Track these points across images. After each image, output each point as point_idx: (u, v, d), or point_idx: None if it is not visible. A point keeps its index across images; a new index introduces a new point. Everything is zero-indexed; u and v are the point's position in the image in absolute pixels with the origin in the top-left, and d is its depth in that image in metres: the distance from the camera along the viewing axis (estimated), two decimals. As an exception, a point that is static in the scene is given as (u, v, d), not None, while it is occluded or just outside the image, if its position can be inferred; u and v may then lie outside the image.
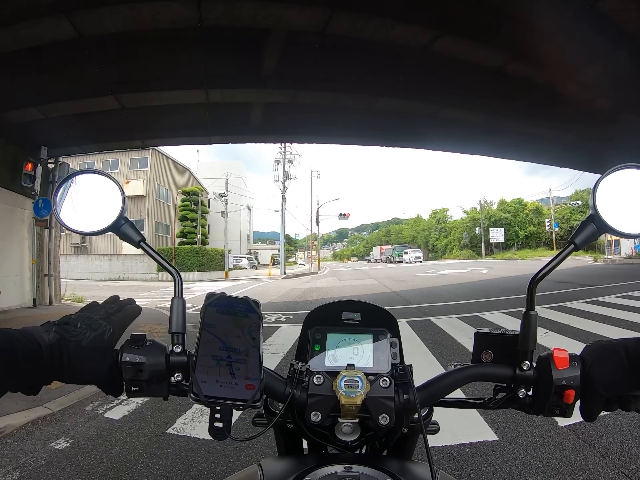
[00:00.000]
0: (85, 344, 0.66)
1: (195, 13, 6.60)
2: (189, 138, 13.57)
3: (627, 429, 3.13)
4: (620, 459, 2.71)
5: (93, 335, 0.67)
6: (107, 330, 0.69)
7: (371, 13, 6.95)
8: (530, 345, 0.73)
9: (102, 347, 0.67)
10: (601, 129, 11.78)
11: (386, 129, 12.50)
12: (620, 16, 6.76)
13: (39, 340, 0.63)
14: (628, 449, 2.82)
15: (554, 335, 6.22)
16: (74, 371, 0.66)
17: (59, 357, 0.64)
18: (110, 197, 0.78)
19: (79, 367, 0.66)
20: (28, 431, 3.64)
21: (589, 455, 2.77)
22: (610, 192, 0.71)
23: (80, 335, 0.67)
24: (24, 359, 0.61)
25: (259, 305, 0.69)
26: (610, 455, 2.75)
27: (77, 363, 0.65)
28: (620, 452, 2.79)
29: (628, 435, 3.02)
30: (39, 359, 0.62)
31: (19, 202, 11.35)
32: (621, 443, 2.91)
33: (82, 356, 0.66)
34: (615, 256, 31.32)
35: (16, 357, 0.60)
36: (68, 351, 0.65)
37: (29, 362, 0.61)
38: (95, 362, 0.67)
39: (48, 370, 0.64)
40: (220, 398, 0.65)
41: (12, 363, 0.60)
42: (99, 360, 0.67)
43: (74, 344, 0.66)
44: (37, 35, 6.63)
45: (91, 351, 0.66)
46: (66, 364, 0.65)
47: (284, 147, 37.27)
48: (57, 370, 0.65)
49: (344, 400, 0.70)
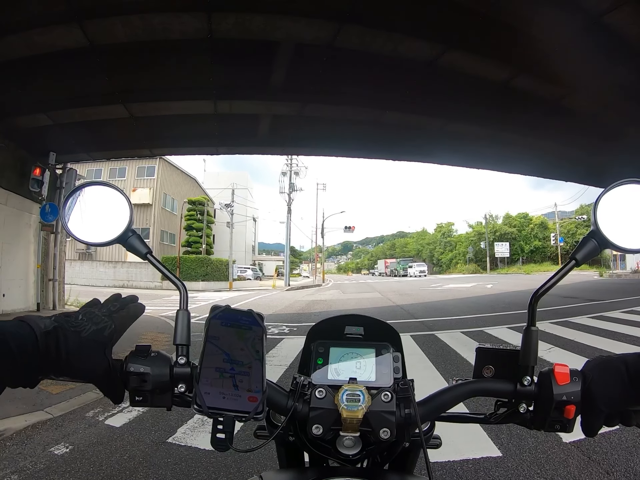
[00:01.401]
0: (84, 335, 0.65)
1: (206, 25, 6.68)
2: (197, 148, 13.65)
3: (632, 445, 3.08)
4: (625, 475, 2.67)
5: (94, 328, 0.67)
6: (108, 326, 0.68)
7: (379, 28, 7.02)
8: (531, 360, 0.74)
9: (101, 342, 0.67)
10: (606, 144, 11.76)
11: (392, 142, 12.53)
12: (626, 30, 6.79)
13: (34, 327, 0.61)
14: (633, 466, 2.78)
15: (559, 351, 6.18)
16: (71, 365, 0.64)
17: (55, 346, 0.63)
18: (118, 209, 0.79)
19: (76, 361, 0.65)
20: (28, 435, 3.64)
21: (593, 472, 2.73)
22: (611, 207, 0.71)
23: (81, 327, 0.66)
24: (17, 348, 0.59)
25: (263, 318, 0.70)
26: (615, 472, 2.72)
27: (75, 357, 0.64)
28: (625, 468, 2.75)
29: (633, 452, 2.98)
30: (35, 348, 0.61)
31: (26, 207, 11.43)
32: (626, 459, 2.87)
33: (79, 349, 0.64)
34: (621, 271, 31.15)
35: (8, 348, 0.58)
36: (66, 341, 0.64)
37: (22, 351, 0.59)
38: (92, 357, 0.66)
39: (44, 361, 0.62)
40: (223, 410, 0.66)
41: (4, 354, 0.58)
42: (97, 356, 0.66)
43: (72, 333, 0.65)
44: (49, 42, 6.71)
45: (89, 344, 0.65)
46: (63, 356, 0.63)
47: (290, 159, 37.46)
48: (53, 362, 0.63)
49: (345, 413, 0.70)
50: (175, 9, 6.37)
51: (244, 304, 16.43)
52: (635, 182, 0.72)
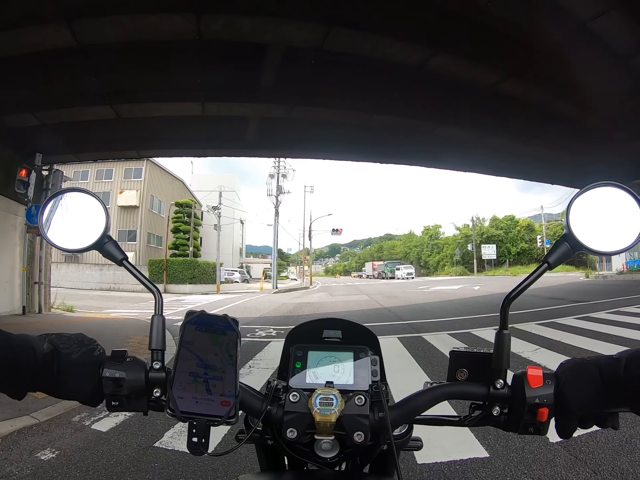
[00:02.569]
0: (75, 357, 0.69)
1: (195, 26, 6.67)
2: (184, 150, 13.62)
3: (618, 445, 3.12)
4: (612, 474, 2.70)
5: (84, 350, 0.70)
6: (97, 348, 0.72)
7: (368, 31, 7.06)
8: (504, 364, 0.74)
9: (90, 363, 0.70)
10: (592, 147, 11.97)
11: (380, 145, 12.61)
12: (613, 36, 6.92)
13: (35, 347, 0.65)
14: (620, 465, 2.81)
15: (545, 352, 6.23)
16: (61, 384, 0.68)
17: (50, 367, 0.67)
18: (94, 215, 0.80)
19: (66, 381, 0.68)
20: (14, 440, 3.58)
21: (580, 472, 2.76)
22: (584, 210, 0.72)
23: (72, 349, 0.69)
24: (21, 363, 0.63)
25: (237, 323, 0.72)
26: (601, 471, 2.74)
27: (65, 376, 0.68)
28: (612, 467, 2.78)
29: (619, 451, 3.01)
30: (34, 366, 0.64)
31: (11, 208, 11.30)
32: (612, 459, 2.90)
33: (70, 370, 0.68)
34: (607, 272, 31.45)
35: (15, 360, 0.62)
36: (59, 363, 0.67)
37: (24, 367, 0.63)
38: (81, 377, 0.69)
39: (40, 379, 0.66)
40: (196, 414, 0.67)
41: (9, 365, 0.61)
42: (86, 376, 0.69)
43: (64, 356, 0.68)
44: (37, 41, 6.64)
45: (79, 366, 0.69)
46: (55, 376, 0.67)
47: (278, 162, 37.44)
48: (46, 380, 0.67)
49: (318, 417, 0.71)
50: (164, 9, 6.34)
51: (231, 307, 16.37)
52: (607, 184, 0.72)
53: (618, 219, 0.72)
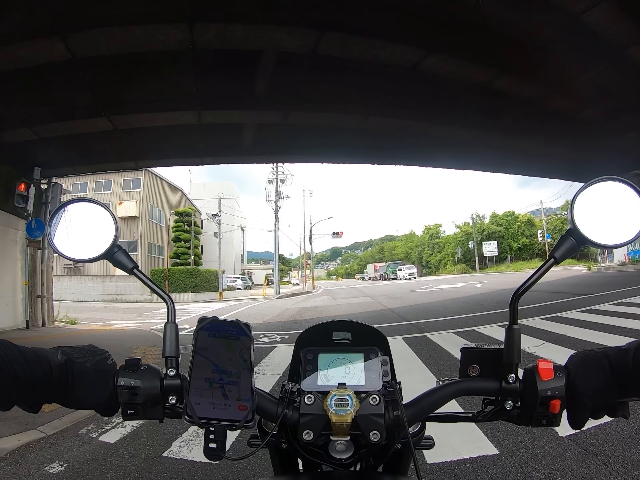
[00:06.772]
0: (89, 365, 0.70)
1: (188, 35, 6.70)
2: (182, 159, 13.64)
3: (628, 436, 3.11)
4: (623, 465, 2.70)
5: (97, 359, 0.71)
6: (110, 357, 0.73)
7: (360, 34, 7.09)
8: (514, 358, 0.76)
9: (104, 371, 0.71)
10: (589, 140, 11.97)
11: (377, 147, 12.61)
12: (604, 28, 6.93)
13: (50, 359, 0.66)
14: (630, 456, 2.81)
15: (551, 346, 6.22)
16: (76, 394, 0.69)
17: (65, 378, 0.67)
18: (103, 225, 0.81)
19: (81, 391, 0.69)
20: (22, 455, 3.57)
21: (591, 465, 2.76)
22: (588, 205, 0.74)
23: (84, 358, 0.70)
24: (36, 376, 0.63)
25: (250, 327, 0.72)
26: (612, 463, 2.74)
27: (80, 386, 0.69)
28: (623, 459, 2.78)
29: (629, 442, 3.01)
30: (50, 379, 0.65)
31: (11, 223, 11.31)
32: (623, 450, 2.90)
33: (84, 379, 0.69)
34: (609, 264, 31.38)
35: (30, 374, 0.62)
36: (73, 373, 0.68)
37: (40, 380, 0.64)
38: (96, 387, 0.70)
39: (55, 390, 0.67)
40: (213, 419, 0.67)
41: (25, 379, 0.62)
42: (100, 385, 0.70)
43: (78, 365, 0.69)
44: (31, 56, 6.69)
45: (94, 375, 0.70)
46: (70, 386, 0.68)
47: (276, 167, 37.49)
48: (61, 391, 0.68)
49: (334, 418, 0.71)
50: (157, 20, 6.38)
51: (234, 314, 16.34)
52: (610, 179, 0.74)
53: (621, 212, 0.74)
